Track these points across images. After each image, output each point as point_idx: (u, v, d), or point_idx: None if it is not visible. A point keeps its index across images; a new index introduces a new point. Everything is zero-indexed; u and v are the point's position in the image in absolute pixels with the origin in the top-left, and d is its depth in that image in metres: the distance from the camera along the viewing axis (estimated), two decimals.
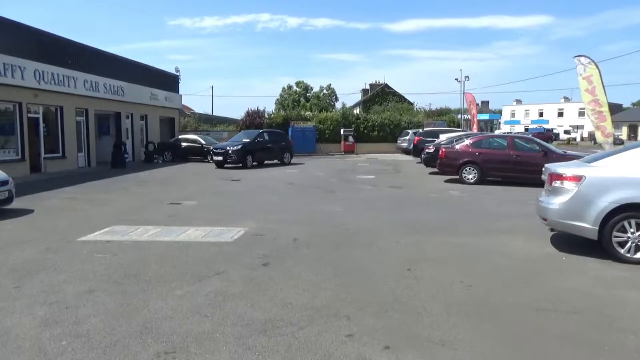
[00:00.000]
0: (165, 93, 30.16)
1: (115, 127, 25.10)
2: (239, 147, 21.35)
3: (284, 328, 3.96)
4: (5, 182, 9.50)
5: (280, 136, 25.04)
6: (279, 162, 23.32)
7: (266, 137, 23.32)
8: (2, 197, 9.33)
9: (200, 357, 3.47)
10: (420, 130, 27.62)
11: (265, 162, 22.74)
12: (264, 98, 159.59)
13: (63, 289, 4.94)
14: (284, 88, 55.00)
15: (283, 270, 5.59)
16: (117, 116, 25.01)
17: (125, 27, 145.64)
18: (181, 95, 34.27)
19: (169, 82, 31.74)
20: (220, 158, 21.24)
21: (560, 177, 6.44)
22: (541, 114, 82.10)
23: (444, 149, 15.81)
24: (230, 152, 21.04)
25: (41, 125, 19.07)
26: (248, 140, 22.18)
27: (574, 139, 64.33)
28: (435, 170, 16.69)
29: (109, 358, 3.47)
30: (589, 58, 16.55)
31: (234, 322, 4.07)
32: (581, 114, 75.73)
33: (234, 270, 5.56)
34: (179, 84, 33.55)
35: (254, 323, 4.06)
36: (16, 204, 9.88)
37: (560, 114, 79.30)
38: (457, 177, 14.91)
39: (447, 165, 15.44)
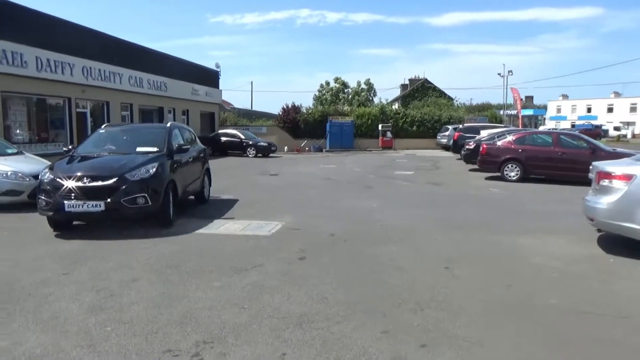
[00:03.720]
0: (206, 88, 30.77)
1: (158, 121, 25.81)
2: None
3: (320, 322, 3.98)
4: None
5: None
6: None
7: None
8: None
9: (237, 348, 3.54)
10: (461, 126, 27.03)
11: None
12: (303, 93, 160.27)
13: (109, 276, 5.13)
14: (322, 84, 55.01)
15: (319, 265, 5.61)
16: (160, 111, 25.72)
17: (168, 25, 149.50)
18: (221, 91, 34.87)
19: (209, 77, 32.36)
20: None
21: (609, 175, 6.17)
22: (589, 110, 78.80)
23: (485, 145, 15.42)
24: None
25: (89, 119, 19.84)
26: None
27: (624, 135, 61.29)
28: (476, 167, 16.32)
29: (150, 345, 3.59)
30: None
31: (270, 315, 4.13)
32: (633, 109, 72.31)
33: (271, 264, 5.63)
34: (219, 80, 34.18)
35: (290, 316, 4.10)
36: None
37: (610, 110, 75.90)
38: (499, 174, 14.51)
39: (488, 161, 15.05)
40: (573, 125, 66.17)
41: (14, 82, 15.63)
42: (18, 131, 16.73)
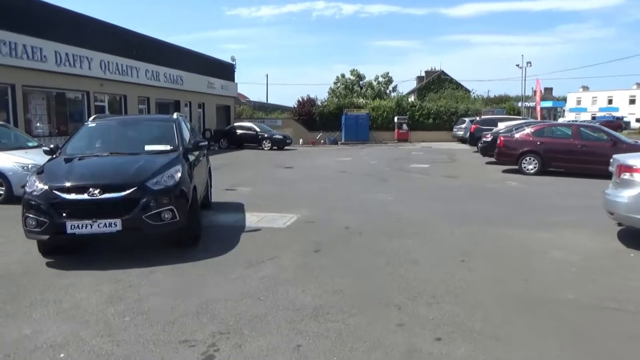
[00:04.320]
0: (222, 82, 30.92)
1: None
2: None
3: (335, 315, 3.99)
4: None
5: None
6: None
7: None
8: None
9: (253, 339, 3.57)
10: (478, 118, 26.71)
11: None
12: (319, 86, 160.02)
13: (127, 268, 5.21)
14: (337, 77, 54.78)
15: (334, 258, 5.62)
16: (176, 104, 25.93)
17: (185, 18, 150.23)
18: (237, 84, 35.03)
19: (225, 71, 32.50)
20: None
21: (630, 169, 6.04)
22: (610, 101, 77.19)
23: (502, 138, 15.22)
24: None
25: (107, 112, 20.11)
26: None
27: None
28: (493, 159, 16.12)
29: (168, 335, 3.64)
30: None
31: (285, 307, 4.15)
32: None
33: (286, 256, 5.65)
34: (235, 73, 34.30)
35: (305, 308, 4.12)
36: None
37: (632, 101, 74.21)
38: (516, 167, 14.32)
39: (505, 154, 14.85)
40: (593, 117, 64.91)
41: (34, 77, 15.91)
42: (38, 124, 17.05)
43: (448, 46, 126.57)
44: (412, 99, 47.54)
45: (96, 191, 5.24)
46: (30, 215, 5.28)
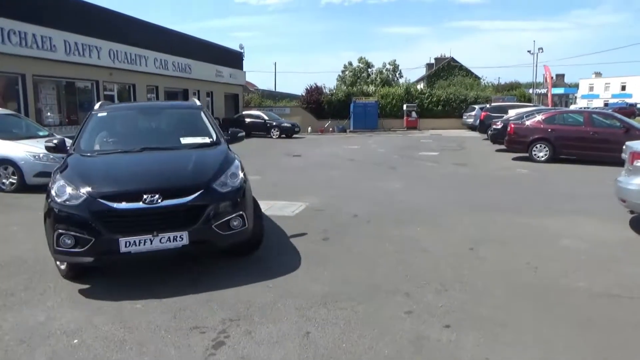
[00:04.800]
0: (230, 70, 30.87)
1: None
2: None
3: (343, 302, 4.01)
4: None
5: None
6: None
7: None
8: None
9: (262, 326, 3.61)
10: (488, 106, 26.44)
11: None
12: (327, 74, 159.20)
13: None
14: (345, 65, 54.35)
15: (343, 246, 5.64)
16: (184, 93, 25.97)
17: (193, 6, 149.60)
18: (245, 72, 34.94)
19: (233, 59, 32.43)
20: None
21: None
22: (624, 88, 75.87)
23: (512, 125, 15.07)
24: None
25: (116, 101, 20.20)
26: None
27: None
28: (503, 147, 15.98)
29: (179, 322, 3.69)
30: None
31: (295, 295, 4.18)
32: None
33: (295, 244, 5.67)
34: (243, 61, 34.21)
35: (315, 296, 4.14)
36: None
37: None
38: (527, 154, 14.20)
39: (515, 142, 14.72)
40: (606, 104, 63.93)
41: (44, 66, 16.01)
42: (49, 114, 17.19)
43: (458, 32, 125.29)
44: (421, 86, 47.15)
45: (155, 197, 4.18)
46: (66, 232, 4.09)
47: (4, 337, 3.51)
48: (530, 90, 39.93)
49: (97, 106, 6.14)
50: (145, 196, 4.17)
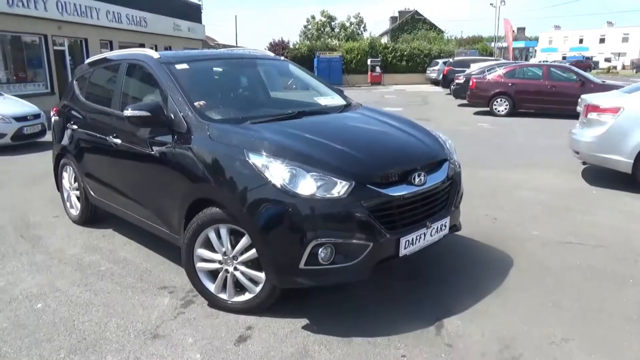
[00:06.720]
0: (189, 24, 29.57)
1: None
2: None
3: None
4: (37, 116, 9.74)
5: None
6: None
7: None
8: (35, 130, 9.60)
9: None
10: (451, 60, 26.55)
11: None
12: (290, 27, 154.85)
13: (104, 220, 5.12)
14: (307, 19, 52.92)
15: None
16: (141, 48, 24.84)
17: None
18: (204, 26, 33.53)
19: (191, 12, 31.00)
20: None
21: (596, 108, 6.18)
22: (581, 41, 77.49)
23: (474, 80, 15.24)
24: None
25: (67, 57, 19.12)
26: None
27: (615, 67, 60.90)
28: (465, 102, 16.22)
29: (145, 283, 3.67)
30: None
31: None
32: (625, 39, 71.25)
33: None
34: (202, 14, 32.80)
35: None
36: (49, 136, 10.14)
37: (602, 41, 74.64)
38: (488, 109, 14.48)
39: (477, 96, 14.96)
40: (564, 57, 65.33)
41: None
42: None
43: None
44: (385, 40, 46.69)
45: (421, 175, 3.17)
46: (327, 240, 2.83)
47: None
48: (492, 44, 40.24)
49: (163, 59, 3.89)
50: (414, 175, 3.14)
